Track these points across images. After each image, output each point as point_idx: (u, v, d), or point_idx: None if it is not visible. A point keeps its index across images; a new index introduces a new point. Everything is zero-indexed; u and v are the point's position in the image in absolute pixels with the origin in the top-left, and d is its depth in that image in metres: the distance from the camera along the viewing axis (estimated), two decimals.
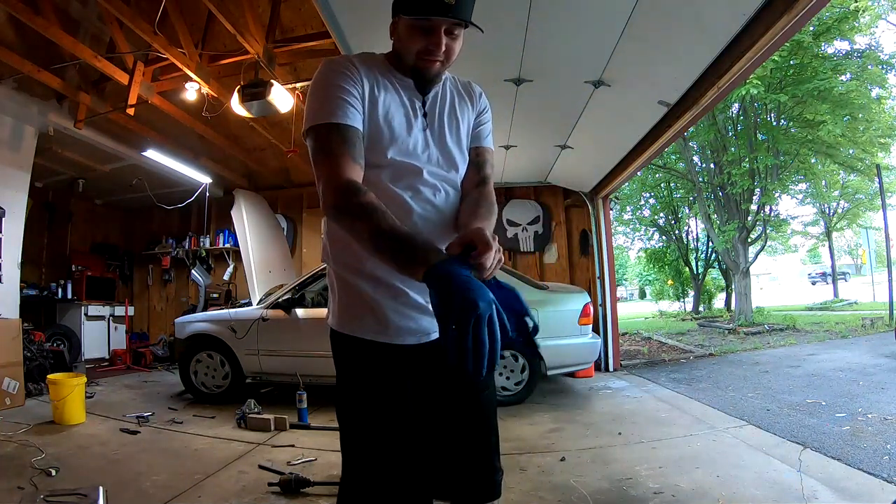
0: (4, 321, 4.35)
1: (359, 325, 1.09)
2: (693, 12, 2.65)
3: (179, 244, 7.90)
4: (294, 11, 4.78)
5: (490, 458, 1.16)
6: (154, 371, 6.51)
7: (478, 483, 1.14)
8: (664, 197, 15.66)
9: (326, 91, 1.05)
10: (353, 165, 1.00)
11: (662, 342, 8.82)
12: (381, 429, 1.07)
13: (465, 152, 1.19)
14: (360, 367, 1.10)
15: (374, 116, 1.07)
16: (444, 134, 1.15)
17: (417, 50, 1.06)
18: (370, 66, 1.11)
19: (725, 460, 2.78)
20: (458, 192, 1.17)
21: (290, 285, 4.78)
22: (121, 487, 2.47)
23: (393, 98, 1.10)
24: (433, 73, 1.10)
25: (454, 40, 1.07)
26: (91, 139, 5.53)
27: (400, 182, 1.08)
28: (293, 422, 3.69)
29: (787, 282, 35.03)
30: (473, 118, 1.22)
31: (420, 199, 1.08)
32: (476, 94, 1.24)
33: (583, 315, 4.52)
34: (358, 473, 1.09)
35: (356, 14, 2.74)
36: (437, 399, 1.12)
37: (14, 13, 3.62)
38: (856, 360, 5.77)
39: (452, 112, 1.17)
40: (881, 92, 10.70)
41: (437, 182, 1.11)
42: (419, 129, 1.12)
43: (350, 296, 1.10)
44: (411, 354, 1.10)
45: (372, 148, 1.07)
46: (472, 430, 1.14)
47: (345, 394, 1.12)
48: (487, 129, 1.25)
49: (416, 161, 1.10)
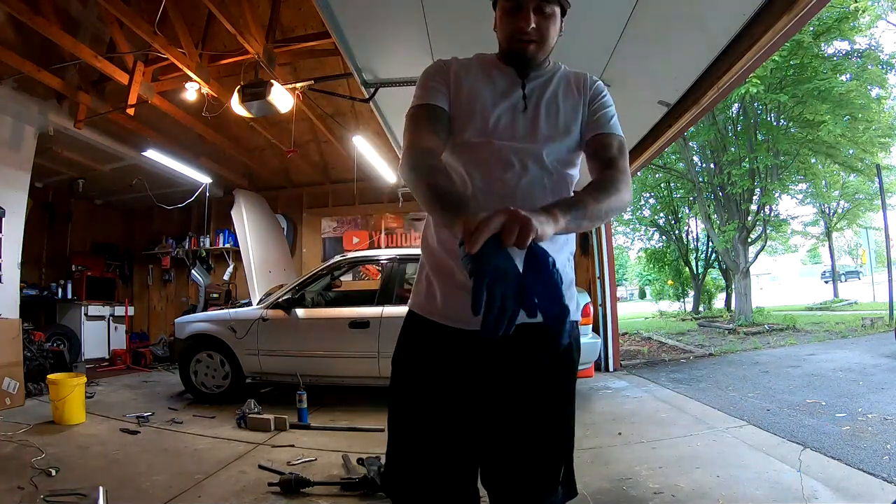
0: (4, 321, 4.35)
1: (417, 300, 1.16)
2: (693, 12, 2.64)
3: (179, 244, 7.90)
4: (294, 11, 4.79)
5: (541, 476, 1.09)
6: (154, 371, 6.51)
7: (524, 498, 1.08)
8: (664, 197, 15.67)
9: (421, 82, 1.16)
10: (431, 135, 1.07)
11: (662, 342, 8.82)
12: (423, 405, 1.09)
13: (566, 137, 1.12)
14: (414, 340, 1.15)
15: (458, 101, 1.12)
16: (541, 116, 1.12)
17: (510, 32, 1.09)
18: (470, 61, 1.18)
19: (725, 460, 2.78)
20: (551, 177, 1.10)
21: (290, 285, 4.78)
22: (121, 487, 2.47)
23: (483, 85, 1.13)
24: (529, 54, 1.10)
25: (546, 19, 1.08)
26: (91, 139, 5.53)
27: (472, 158, 1.10)
28: (293, 422, 3.69)
29: (788, 282, 35.02)
30: (584, 106, 1.16)
31: (488, 176, 1.08)
32: (586, 82, 1.19)
33: (583, 315, 4.51)
34: (397, 452, 1.13)
35: (356, 14, 2.73)
36: (493, 395, 1.08)
37: (14, 13, 3.62)
38: (856, 360, 5.77)
39: (555, 98, 1.15)
40: (881, 92, 10.71)
41: (516, 160, 1.08)
42: (510, 111, 1.11)
43: (421, 275, 1.18)
44: (466, 340, 1.04)
45: (454, 128, 1.12)
46: (527, 440, 1.07)
47: (397, 364, 1.16)
48: (608, 115, 1.16)
49: (497, 139, 1.09)
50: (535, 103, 1.13)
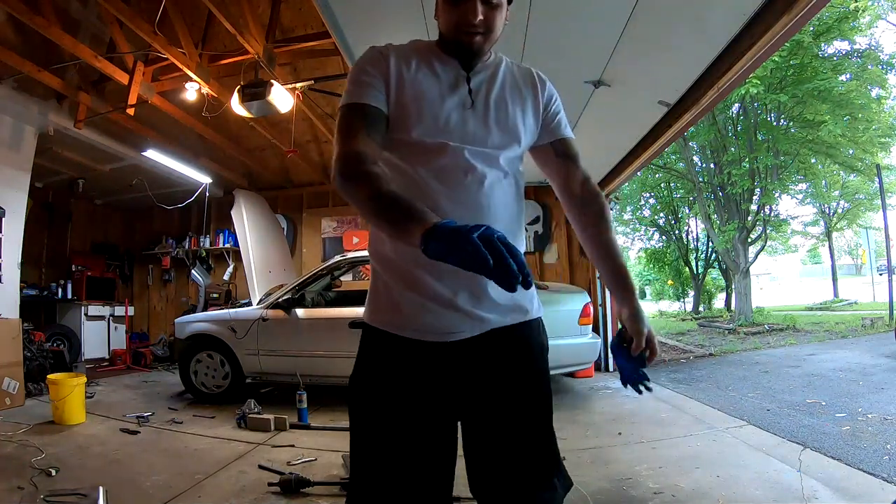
0: (4, 321, 4.34)
1: (381, 317, 1.06)
2: (693, 12, 2.64)
3: (179, 244, 7.90)
4: (294, 11, 4.78)
5: (532, 481, 1.03)
6: (154, 371, 6.51)
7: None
8: (664, 197, 15.68)
9: (352, 76, 1.06)
10: (365, 139, 0.99)
11: (662, 342, 8.82)
12: (387, 424, 1.01)
13: (517, 136, 1.10)
14: (376, 357, 1.06)
15: (400, 96, 1.03)
16: (490, 115, 1.07)
17: (455, 23, 1.02)
18: (407, 51, 1.08)
19: (725, 460, 2.78)
20: (507, 178, 1.08)
21: (290, 285, 4.78)
22: (121, 487, 2.47)
23: (427, 78, 1.05)
24: (475, 47, 1.04)
25: (493, 9, 1.02)
26: (91, 139, 5.52)
27: (426, 163, 1.02)
28: (293, 422, 3.68)
29: (788, 282, 35.01)
30: (543, 106, 1.15)
31: (448, 182, 1.01)
32: (538, 81, 1.16)
33: (583, 315, 4.52)
34: (363, 475, 1.04)
35: (356, 14, 2.73)
36: (470, 406, 1.04)
37: (14, 13, 3.62)
38: (856, 360, 5.78)
39: (503, 94, 1.09)
40: (881, 92, 10.71)
41: (475, 164, 1.03)
42: (459, 108, 1.05)
43: (378, 286, 1.08)
44: (434, 353, 1.01)
45: (398, 126, 1.03)
46: (509, 447, 1.03)
47: (357, 384, 1.07)
48: (564, 118, 1.17)
49: (449, 140, 1.03)
50: (484, 100, 1.07)
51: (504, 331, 1.05)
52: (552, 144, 1.17)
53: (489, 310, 1.02)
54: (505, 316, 1.04)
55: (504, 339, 1.04)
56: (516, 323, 1.07)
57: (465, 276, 0.85)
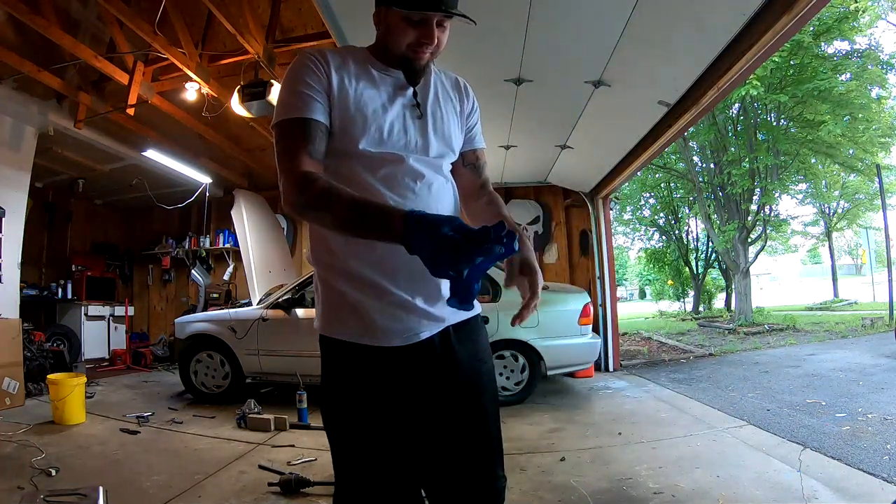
0: (4, 321, 4.35)
1: (342, 328, 1.06)
2: (693, 12, 2.65)
3: (179, 244, 7.90)
4: (294, 11, 4.78)
5: (492, 465, 1.10)
6: (154, 371, 6.51)
7: (479, 492, 1.09)
8: (664, 197, 15.66)
9: (290, 86, 1.03)
10: (309, 160, 0.99)
11: (662, 342, 8.82)
12: (366, 435, 1.04)
13: (452, 144, 1.15)
14: (345, 371, 1.07)
15: (345, 107, 1.03)
16: (428, 124, 1.10)
17: (409, 43, 1.04)
18: (345, 58, 1.07)
19: (725, 460, 2.78)
20: (448, 184, 1.14)
21: (290, 285, 4.78)
22: (121, 487, 2.47)
23: (368, 88, 1.06)
24: (423, 63, 1.08)
25: (443, 32, 1.06)
26: (91, 139, 5.52)
27: (375, 172, 1.04)
28: (293, 422, 3.69)
29: (788, 282, 35.03)
30: (466, 116, 1.20)
31: (398, 189, 1.04)
32: (465, 91, 1.21)
33: (583, 315, 4.52)
34: (347, 481, 1.07)
35: (356, 14, 2.73)
36: (434, 403, 1.07)
37: (14, 13, 3.62)
38: (856, 360, 5.77)
39: (437, 103, 1.14)
40: (881, 92, 10.70)
41: (422, 171, 1.07)
42: (402, 118, 1.07)
43: (332, 297, 1.07)
44: (400, 356, 1.05)
45: (343, 138, 1.04)
46: (472, 436, 1.08)
47: (329, 399, 1.09)
48: (479, 129, 1.24)
49: (394, 150, 1.05)
50: (424, 109, 1.11)
51: (455, 328, 1.11)
52: (464, 154, 1.21)
53: (442, 307, 1.06)
54: (456, 313, 1.08)
55: (457, 335, 1.10)
56: (464, 319, 1.12)
57: (420, 277, 0.92)
